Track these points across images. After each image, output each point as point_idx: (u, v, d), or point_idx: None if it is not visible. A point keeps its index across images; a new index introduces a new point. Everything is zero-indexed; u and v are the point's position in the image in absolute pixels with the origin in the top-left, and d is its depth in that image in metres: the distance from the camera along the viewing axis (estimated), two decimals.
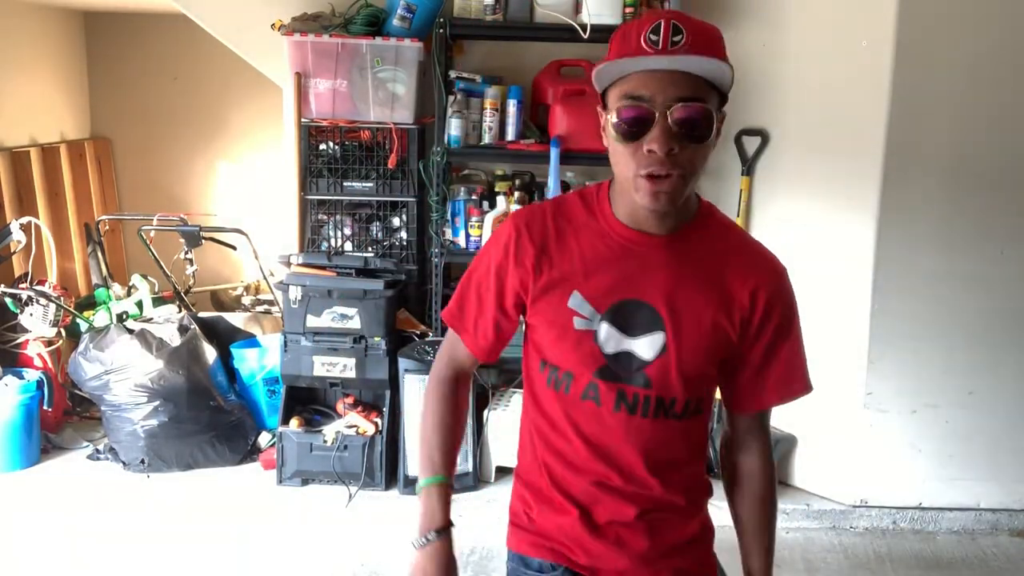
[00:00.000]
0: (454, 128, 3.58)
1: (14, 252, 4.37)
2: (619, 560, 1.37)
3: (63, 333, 4.23)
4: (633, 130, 1.19)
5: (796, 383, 1.40)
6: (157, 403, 3.70)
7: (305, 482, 3.64)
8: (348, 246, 3.85)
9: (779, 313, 1.35)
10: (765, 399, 1.39)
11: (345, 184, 3.72)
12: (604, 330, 1.28)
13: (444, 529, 1.39)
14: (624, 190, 1.27)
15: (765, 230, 3.69)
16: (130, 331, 3.81)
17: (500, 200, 3.66)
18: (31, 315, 4.03)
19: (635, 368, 1.29)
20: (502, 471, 3.65)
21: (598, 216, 1.32)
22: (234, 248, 4.65)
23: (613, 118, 1.21)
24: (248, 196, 6.04)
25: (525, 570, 1.41)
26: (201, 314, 4.27)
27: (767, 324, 1.34)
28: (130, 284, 4.54)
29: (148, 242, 4.49)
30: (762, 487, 1.45)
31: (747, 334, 1.34)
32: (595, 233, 1.31)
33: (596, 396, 1.30)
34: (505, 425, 3.57)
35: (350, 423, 3.63)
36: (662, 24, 1.18)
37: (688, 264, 1.30)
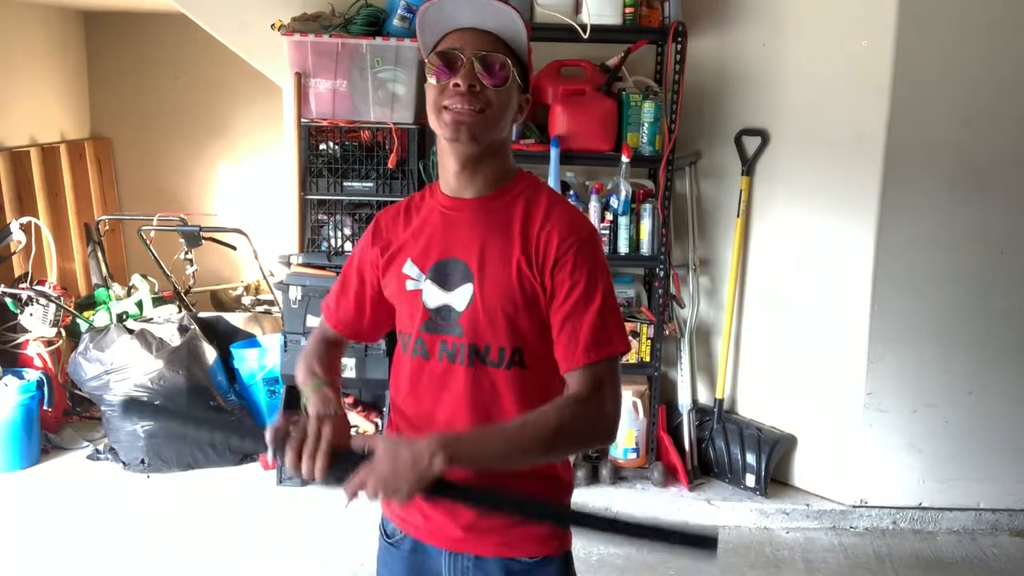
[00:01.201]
0: None
1: (14, 252, 4.37)
2: (452, 529, 1.44)
3: (63, 333, 4.23)
4: (445, 70, 1.37)
5: (602, 341, 1.37)
6: (157, 403, 3.69)
7: (305, 482, 3.64)
8: (348, 246, 3.85)
9: (580, 273, 1.37)
10: (578, 358, 1.36)
11: (345, 184, 3.72)
12: (427, 288, 1.43)
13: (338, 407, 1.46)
14: (441, 155, 1.45)
15: (765, 230, 3.69)
16: (130, 331, 3.81)
17: None
18: (31, 315, 4.03)
19: (452, 319, 1.41)
20: None
21: (429, 196, 1.51)
22: (234, 248, 4.66)
23: (429, 66, 1.40)
24: (248, 196, 6.04)
25: (384, 536, 1.55)
26: (201, 314, 4.27)
27: (568, 283, 1.37)
28: (130, 284, 4.54)
29: (148, 242, 4.49)
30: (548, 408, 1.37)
31: (551, 292, 1.39)
32: (428, 209, 1.49)
33: (424, 350, 1.43)
34: None
35: (350, 423, 3.63)
36: None
37: (497, 222, 1.42)
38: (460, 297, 1.40)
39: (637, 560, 3.23)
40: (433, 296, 1.42)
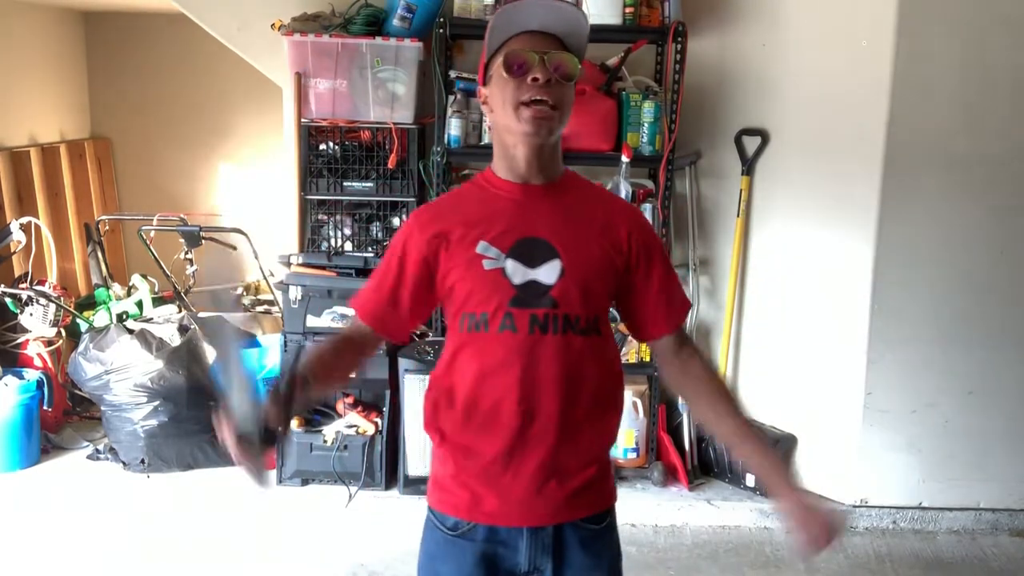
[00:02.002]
0: (454, 128, 3.58)
1: (14, 252, 4.37)
2: (539, 507, 1.54)
3: (63, 333, 4.23)
4: (519, 68, 1.49)
5: (685, 299, 1.67)
6: (157, 403, 3.70)
7: (305, 482, 3.64)
8: (348, 246, 3.85)
9: (654, 245, 1.61)
10: (677, 316, 1.64)
11: (345, 184, 3.72)
12: (510, 265, 1.51)
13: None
14: (503, 147, 1.56)
15: (765, 230, 3.69)
16: (130, 331, 3.81)
17: None
18: (31, 315, 4.03)
19: (541, 292, 1.51)
20: None
21: (485, 185, 1.59)
22: (234, 248, 4.65)
23: (502, 69, 1.50)
24: (248, 196, 6.04)
25: (445, 531, 1.58)
26: (201, 314, 4.27)
27: (652, 255, 1.59)
28: (130, 284, 4.54)
29: (148, 242, 4.49)
30: (712, 380, 1.64)
31: (632, 267, 1.58)
32: (486, 197, 1.58)
33: (512, 324, 1.50)
34: None
35: (350, 423, 3.63)
36: None
37: (568, 205, 1.57)
38: (548, 272, 1.51)
39: (636, 559, 3.23)
40: (518, 273, 1.51)
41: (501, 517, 1.54)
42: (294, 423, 3.65)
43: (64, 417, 4.23)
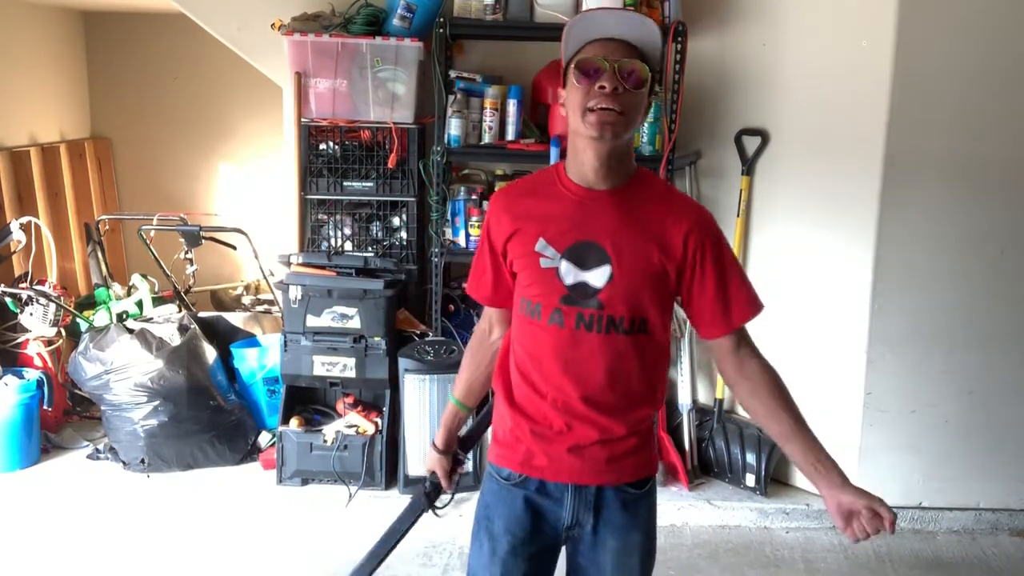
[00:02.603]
0: (454, 128, 3.58)
1: (14, 252, 4.37)
2: (585, 467, 1.68)
3: (63, 333, 4.23)
4: (590, 74, 1.56)
5: (753, 301, 1.73)
6: (157, 403, 3.70)
7: (305, 482, 3.64)
8: (348, 246, 3.85)
9: (712, 248, 1.64)
10: (734, 319, 1.70)
11: (345, 184, 3.72)
12: (564, 266, 1.62)
13: (441, 449, 1.97)
14: (575, 152, 1.63)
15: (765, 230, 3.69)
16: (130, 331, 3.81)
17: None
18: (31, 315, 4.03)
19: (590, 294, 1.62)
20: None
21: (556, 181, 1.68)
22: (234, 248, 4.66)
23: (573, 76, 1.58)
24: (248, 196, 6.04)
25: (501, 479, 1.75)
26: (201, 314, 4.27)
27: (706, 259, 1.64)
28: (130, 284, 4.54)
29: (148, 242, 4.49)
30: (768, 380, 1.70)
31: (687, 271, 1.64)
32: (554, 194, 1.67)
33: (560, 319, 1.63)
34: None
35: (350, 423, 3.63)
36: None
37: (628, 212, 1.63)
38: (598, 276, 1.61)
39: None
40: (571, 274, 1.62)
41: (550, 473, 1.69)
42: (294, 422, 3.65)
43: (64, 417, 4.23)
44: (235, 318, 4.30)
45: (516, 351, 1.72)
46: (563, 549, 1.78)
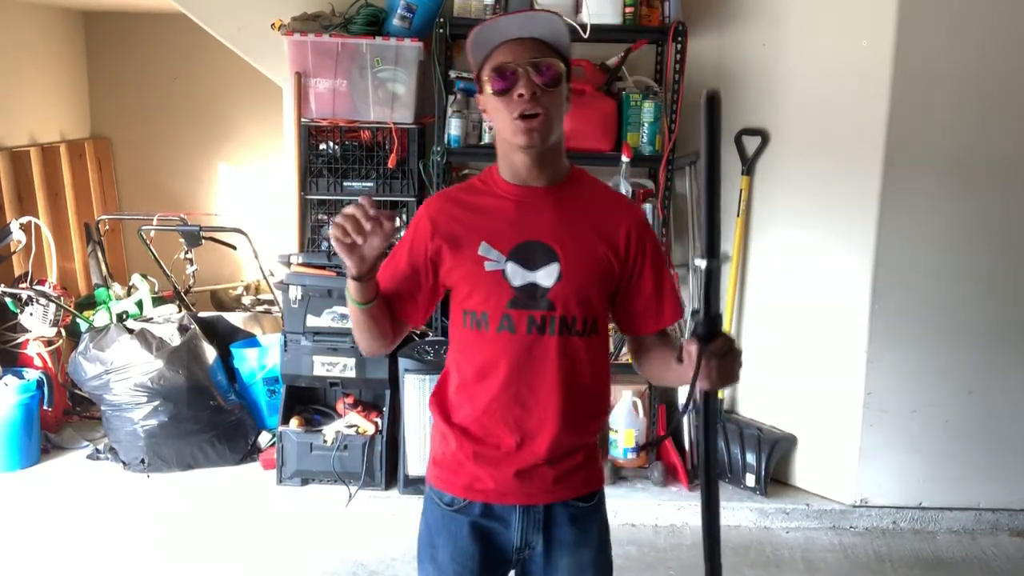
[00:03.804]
0: (454, 128, 3.58)
1: (14, 252, 4.37)
2: (533, 486, 1.61)
3: (63, 333, 4.23)
4: (505, 86, 1.52)
5: (681, 305, 1.70)
6: (157, 403, 3.70)
7: (305, 482, 3.64)
8: None
9: (651, 248, 1.64)
10: (665, 318, 1.67)
11: (345, 184, 3.72)
12: (510, 268, 1.56)
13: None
14: (505, 152, 1.59)
15: (765, 230, 3.69)
16: (130, 331, 3.81)
17: None
18: (31, 315, 4.03)
19: (539, 295, 1.56)
20: None
21: (491, 184, 1.63)
22: (234, 248, 4.65)
23: (489, 85, 1.54)
24: (248, 196, 6.04)
25: (443, 506, 1.65)
26: (201, 314, 4.27)
27: (646, 258, 1.63)
28: (130, 284, 4.54)
29: (148, 242, 4.49)
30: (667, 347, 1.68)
31: (628, 266, 1.62)
32: (489, 195, 1.62)
33: (511, 325, 1.57)
34: None
35: (350, 423, 3.63)
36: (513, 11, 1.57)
37: (569, 208, 1.60)
38: (547, 275, 1.56)
39: (636, 559, 3.23)
40: (518, 276, 1.56)
41: (496, 496, 1.61)
42: (294, 422, 3.65)
43: (64, 417, 4.23)
44: (235, 318, 4.30)
45: (459, 370, 1.63)
46: (512, 573, 1.70)
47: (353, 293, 1.55)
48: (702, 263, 1.35)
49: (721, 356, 1.38)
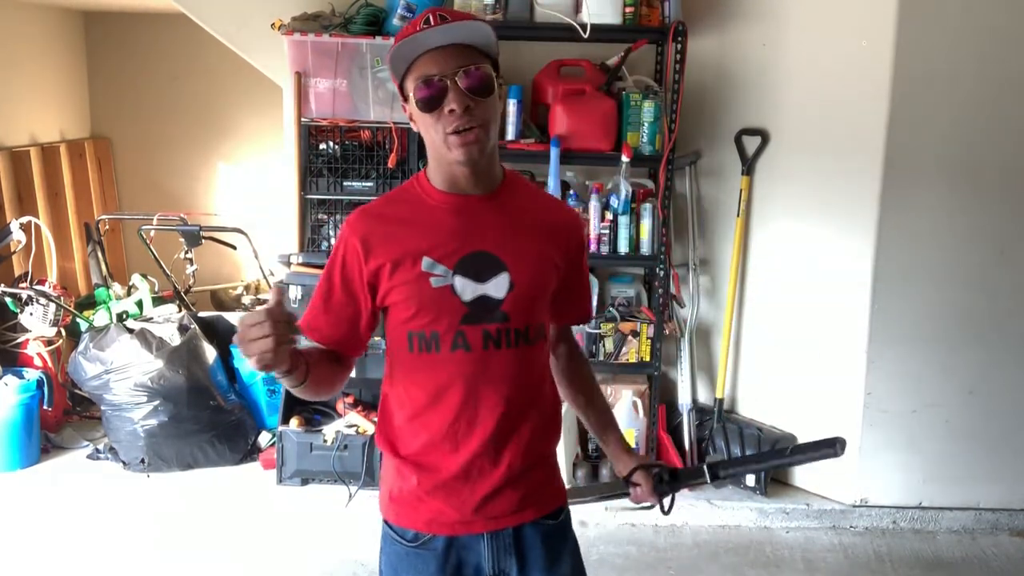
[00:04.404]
0: None
1: (14, 252, 4.37)
2: (497, 508, 1.55)
3: (63, 333, 4.23)
4: (433, 100, 1.42)
5: (588, 309, 1.73)
6: (157, 403, 3.70)
7: (305, 482, 3.64)
8: None
9: (580, 248, 1.64)
10: (576, 313, 1.71)
11: (345, 184, 3.72)
12: (459, 282, 1.47)
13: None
14: (439, 161, 1.49)
15: (765, 230, 3.69)
16: (130, 331, 3.81)
17: None
18: (31, 315, 4.03)
19: (492, 307, 1.48)
20: None
21: (422, 195, 1.52)
22: (234, 247, 4.66)
23: (414, 98, 1.44)
24: (248, 196, 6.04)
25: (404, 543, 1.55)
26: (201, 313, 4.27)
27: (581, 256, 1.64)
28: (130, 284, 4.54)
29: (148, 242, 4.49)
30: (582, 368, 1.77)
31: (567, 266, 1.60)
32: (423, 208, 1.51)
33: (465, 343, 1.48)
34: None
35: (350, 423, 3.63)
36: (429, 15, 1.43)
37: (509, 215, 1.53)
38: (498, 286, 1.48)
39: (636, 559, 3.23)
40: (468, 289, 1.47)
41: (461, 526, 1.53)
42: (294, 422, 3.65)
43: (64, 417, 4.23)
44: (235, 318, 4.30)
45: (408, 398, 1.53)
46: None
47: (285, 383, 1.41)
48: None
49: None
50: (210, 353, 3.90)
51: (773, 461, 2.11)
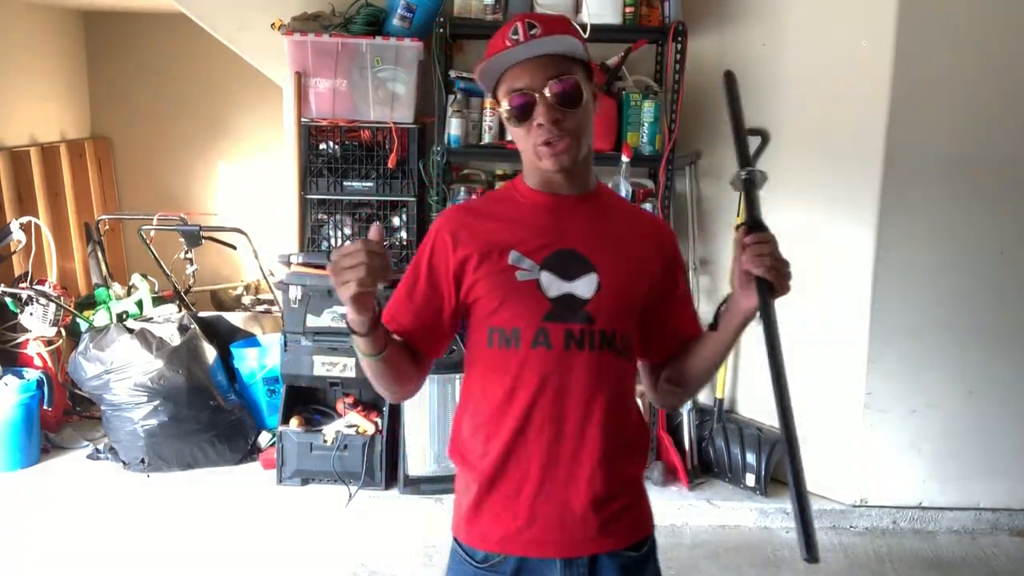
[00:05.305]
0: (454, 128, 3.58)
1: (14, 252, 4.37)
2: (576, 533, 1.45)
3: (63, 333, 4.23)
4: (523, 113, 1.42)
5: (696, 329, 1.60)
6: (157, 403, 3.70)
7: (305, 482, 3.64)
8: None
9: (680, 268, 1.58)
10: (692, 327, 1.59)
11: (345, 184, 3.72)
12: (545, 278, 1.44)
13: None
14: (532, 166, 1.49)
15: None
16: (130, 331, 3.81)
17: None
18: (31, 315, 4.03)
19: (577, 307, 1.44)
20: None
21: (515, 194, 1.53)
22: (234, 247, 4.66)
23: (504, 109, 1.45)
24: (248, 196, 6.04)
25: (473, 563, 1.49)
26: (201, 314, 4.27)
27: (677, 272, 1.57)
28: (130, 284, 4.54)
29: (148, 242, 4.49)
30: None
31: (664, 282, 1.53)
32: (515, 205, 1.51)
33: (547, 340, 1.43)
34: None
35: (350, 423, 3.63)
36: (518, 24, 1.43)
37: (602, 218, 1.51)
38: (585, 286, 1.44)
39: None
40: (554, 286, 1.44)
41: (533, 548, 1.45)
42: (294, 422, 3.65)
43: (64, 417, 4.23)
44: (235, 318, 4.30)
45: (484, 398, 1.47)
46: None
47: (362, 347, 1.42)
48: (742, 173, 1.48)
49: (769, 243, 1.40)
50: (210, 353, 3.90)
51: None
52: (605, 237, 1.49)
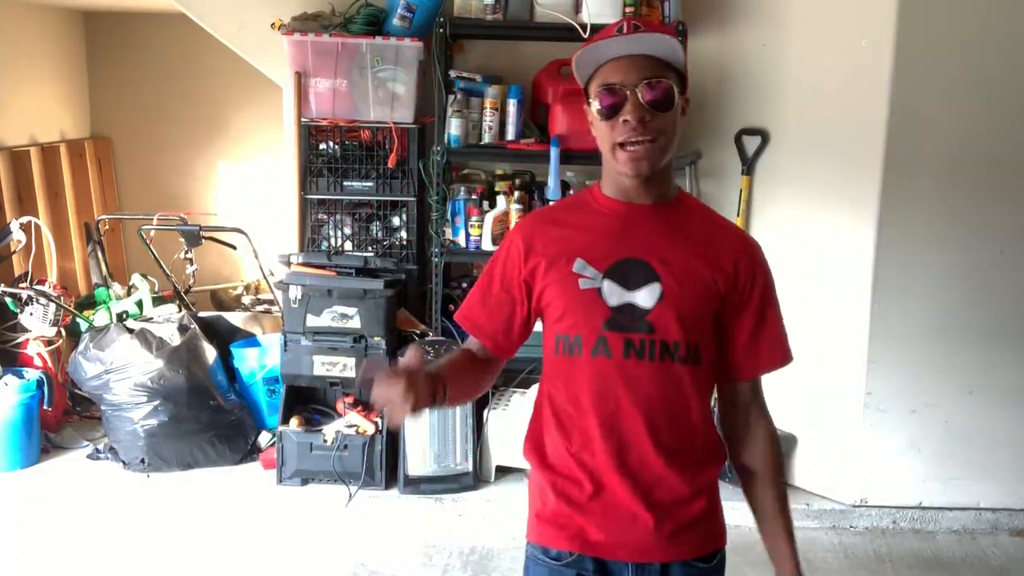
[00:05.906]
0: (454, 128, 3.58)
1: (14, 252, 4.37)
2: (648, 539, 1.46)
3: (63, 332, 4.23)
4: (612, 109, 1.41)
5: (785, 349, 1.54)
6: (157, 403, 3.69)
7: (305, 482, 3.64)
8: (348, 246, 3.85)
9: (762, 281, 1.50)
10: (761, 363, 1.52)
11: (345, 184, 3.72)
12: (607, 287, 1.44)
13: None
14: (609, 169, 1.48)
15: (765, 229, 3.69)
16: (130, 330, 3.81)
17: (500, 200, 3.67)
18: (31, 314, 4.03)
19: (638, 317, 1.43)
20: (502, 471, 3.65)
21: (590, 200, 1.52)
22: (234, 247, 4.66)
23: (596, 104, 1.44)
24: (248, 196, 6.04)
25: (548, 560, 1.50)
26: (201, 313, 4.27)
27: (753, 290, 1.49)
28: (130, 284, 4.54)
29: (148, 242, 4.49)
30: (768, 446, 1.56)
31: (733, 298, 1.48)
32: (589, 212, 1.51)
33: (606, 349, 1.43)
34: (505, 425, 3.57)
35: (350, 422, 3.63)
36: (624, 23, 1.48)
37: (674, 227, 1.48)
38: (647, 295, 1.43)
39: None
40: (615, 295, 1.44)
41: (606, 550, 1.47)
42: (294, 422, 3.65)
43: (64, 417, 4.23)
44: (235, 318, 4.30)
45: (555, 406, 1.50)
46: None
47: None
48: None
49: None
50: (210, 353, 3.90)
51: None
52: (675, 247, 1.46)
